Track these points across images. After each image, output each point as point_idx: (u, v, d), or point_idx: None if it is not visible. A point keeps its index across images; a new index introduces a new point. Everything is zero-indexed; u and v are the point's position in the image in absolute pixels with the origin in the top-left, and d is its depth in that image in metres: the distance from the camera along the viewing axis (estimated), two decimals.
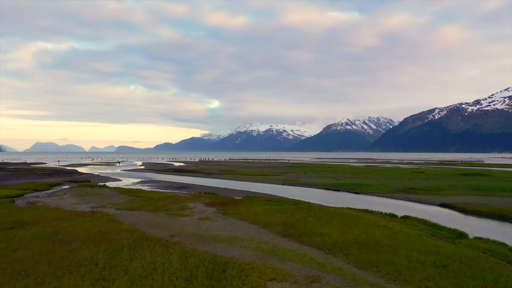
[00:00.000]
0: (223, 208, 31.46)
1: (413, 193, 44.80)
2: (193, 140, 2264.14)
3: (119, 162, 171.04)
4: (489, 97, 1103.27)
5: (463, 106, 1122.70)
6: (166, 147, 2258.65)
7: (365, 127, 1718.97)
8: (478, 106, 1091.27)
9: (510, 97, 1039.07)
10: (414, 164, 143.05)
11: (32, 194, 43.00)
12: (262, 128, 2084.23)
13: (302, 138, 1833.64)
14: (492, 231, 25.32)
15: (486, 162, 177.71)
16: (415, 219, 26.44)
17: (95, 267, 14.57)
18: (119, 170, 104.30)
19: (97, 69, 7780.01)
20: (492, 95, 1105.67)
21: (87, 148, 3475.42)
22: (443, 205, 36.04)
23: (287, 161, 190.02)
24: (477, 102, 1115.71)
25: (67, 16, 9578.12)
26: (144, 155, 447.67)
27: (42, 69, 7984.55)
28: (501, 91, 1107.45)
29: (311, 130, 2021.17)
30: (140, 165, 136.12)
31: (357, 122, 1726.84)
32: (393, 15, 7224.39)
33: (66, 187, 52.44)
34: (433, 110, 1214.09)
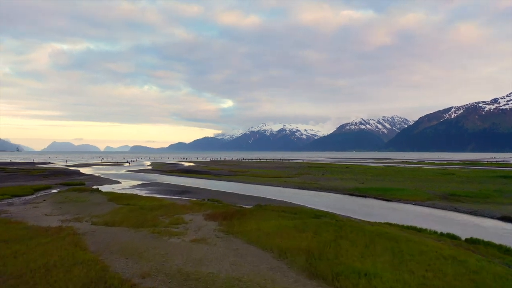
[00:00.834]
0: (226, 222, 24.79)
1: (456, 201, 37.45)
2: (206, 140, 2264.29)
3: (128, 162, 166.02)
4: (507, 96, 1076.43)
5: (480, 105, 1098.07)
6: (180, 146, 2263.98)
7: (379, 126, 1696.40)
8: (495, 105, 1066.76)
9: None
10: (436, 165, 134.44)
11: (6, 201, 36.83)
12: (275, 127, 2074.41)
13: (316, 138, 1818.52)
14: None
15: None
16: (488, 244, 19.19)
17: None
18: (123, 170, 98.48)
19: (112, 70, 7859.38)
20: (511, 93, 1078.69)
21: (102, 148, 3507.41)
22: (505, 218, 28.67)
23: (301, 161, 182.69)
24: (494, 100, 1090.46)
25: (82, 17, 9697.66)
26: (156, 155, 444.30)
27: (57, 69, 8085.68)
28: None
29: (325, 129, 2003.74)
30: (148, 165, 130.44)
31: (371, 122, 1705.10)
32: (408, 13, 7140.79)
33: (53, 191, 46.42)
34: (449, 109, 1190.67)
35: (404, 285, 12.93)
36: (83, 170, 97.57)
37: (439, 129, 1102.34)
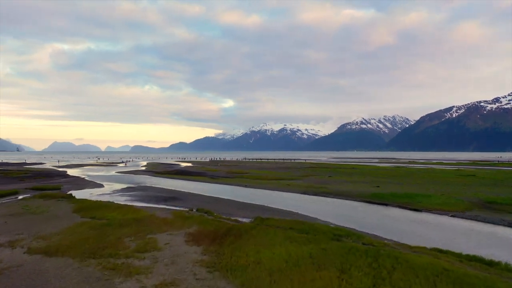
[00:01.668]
0: (214, 248, 17.99)
1: (502, 211, 30.47)
2: (207, 139, 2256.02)
3: (124, 163, 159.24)
4: (509, 95, 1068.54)
5: (481, 104, 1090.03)
6: (181, 146, 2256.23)
7: (381, 126, 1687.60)
8: (497, 104, 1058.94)
9: None
10: (446, 165, 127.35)
11: None
12: (276, 127, 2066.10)
13: (317, 138, 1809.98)
14: None
15: None
16: None
17: None
18: (114, 172, 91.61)
19: (112, 70, 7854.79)
20: None
21: (103, 148, 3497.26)
22: None
23: (304, 161, 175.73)
24: (496, 100, 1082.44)
25: (82, 17, 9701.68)
26: (156, 154, 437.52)
27: (58, 70, 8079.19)
28: None
29: (326, 129, 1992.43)
30: (142, 166, 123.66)
31: (372, 121, 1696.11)
32: (410, 12, 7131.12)
33: (19, 197, 39.57)
34: (450, 108, 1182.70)
35: None
36: (71, 172, 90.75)
37: (441, 129, 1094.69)
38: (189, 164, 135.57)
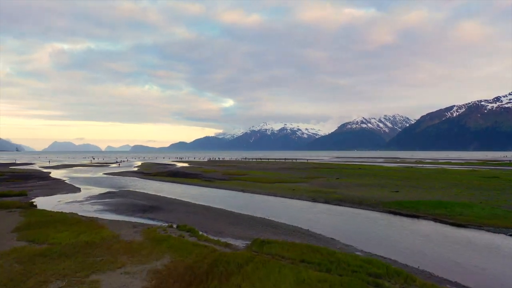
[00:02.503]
0: None
1: None
2: (207, 139, 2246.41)
3: (118, 163, 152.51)
4: (509, 94, 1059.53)
5: (482, 103, 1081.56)
6: (181, 146, 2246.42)
7: (381, 125, 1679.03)
8: (498, 103, 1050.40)
9: None
10: (453, 164, 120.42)
11: None
12: (276, 127, 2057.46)
13: (317, 137, 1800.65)
14: None
15: None
16: None
17: None
18: (101, 173, 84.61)
19: (113, 69, 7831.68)
20: None
21: (103, 147, 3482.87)
22: None
23: (306, 161, 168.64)
24: (497, 99, 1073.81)
25: (82, 16, 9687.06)
26: (156, 154, 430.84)
27: (58, 69, 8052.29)
28: None
29: (326, 128, 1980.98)
30: (135, 167, 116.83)
31: (372, 121, 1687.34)
32: (411, 11, 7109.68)
33: None
34: (451, 107, 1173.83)
35: None
36: (55, 173, 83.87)
37: (441, 128, 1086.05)
38: (185, 165, 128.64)
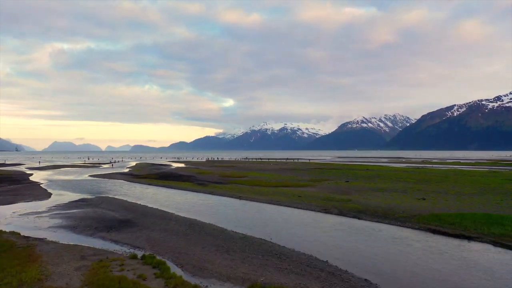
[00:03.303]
0: None
1: None
2: (207, 139, 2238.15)
3: (111, 163, 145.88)
4: (510, 93, 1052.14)
5: (483, 102, 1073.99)
6: (181, 146, 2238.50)
7: (381, 125, 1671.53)
8: (499, 103, 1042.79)
9: None
10: (462, 165, 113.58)
11: None
12: (277, 126, 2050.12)
13: (317, 137, 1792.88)
14: None
15: None
16: None
17: None
18: (87, 175, 77.65)
19: (113, 69, 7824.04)
20: None
21: (103, 147, 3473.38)
22: None
23: (308, 161, 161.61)
24: (498, 98, 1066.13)
25: (82, 16, 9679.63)
26: (155, 154, 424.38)
27: (58, 69, 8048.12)
28: None
29: (326, 128, 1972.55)
30: (127, 167, 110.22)
31: (373, 120, 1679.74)
32: (411, 10, 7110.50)
33: None
34: (451, 107, 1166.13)
35: None
36: (37, 175, 77.05)
37: (442, 127, 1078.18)
38: (180, 165, 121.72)
